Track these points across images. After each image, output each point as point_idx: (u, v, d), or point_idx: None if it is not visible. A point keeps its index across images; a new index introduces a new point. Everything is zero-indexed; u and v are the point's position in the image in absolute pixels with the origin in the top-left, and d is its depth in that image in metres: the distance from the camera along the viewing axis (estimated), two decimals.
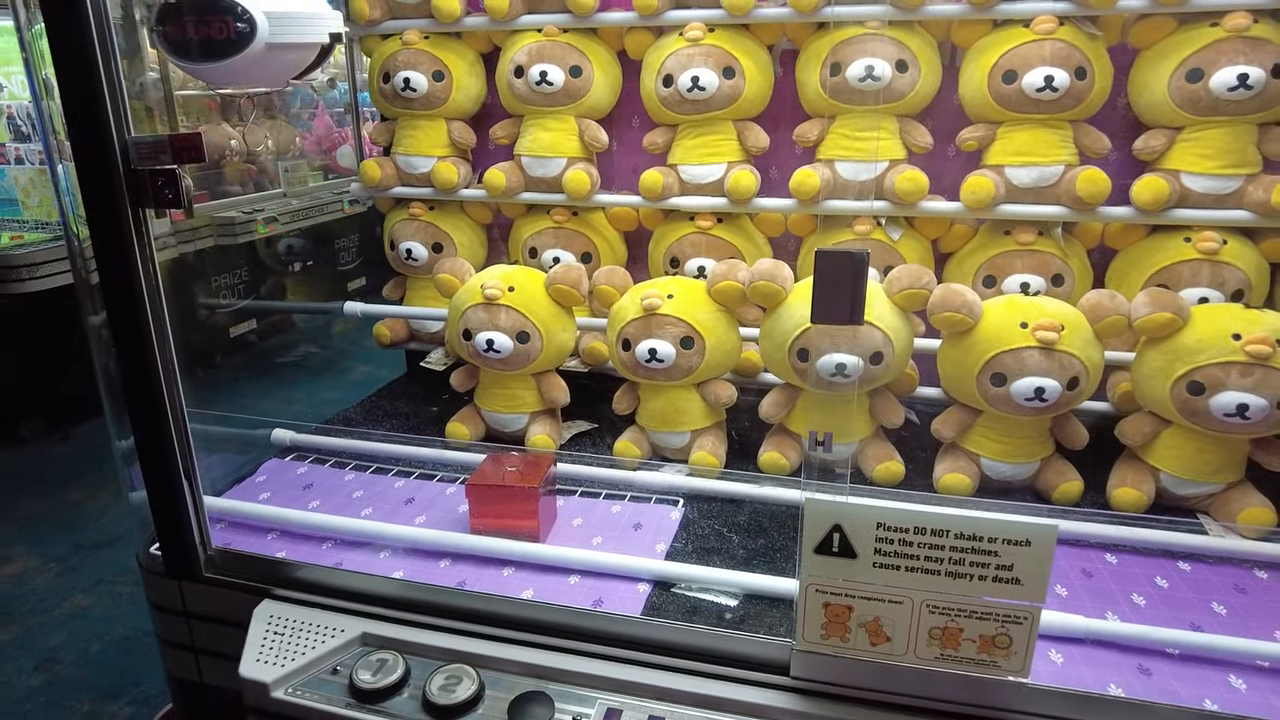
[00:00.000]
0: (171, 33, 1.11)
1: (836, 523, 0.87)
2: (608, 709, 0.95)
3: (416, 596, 1.08)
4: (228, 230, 4.08)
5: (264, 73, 1.14)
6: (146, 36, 1.35)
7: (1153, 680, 0.96)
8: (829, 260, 0.84)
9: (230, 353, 4.35)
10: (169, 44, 1.12)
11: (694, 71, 1.49)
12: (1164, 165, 1.41)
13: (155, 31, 1.12)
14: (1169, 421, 1.28)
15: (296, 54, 1.14)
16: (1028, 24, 1.38)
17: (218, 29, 1.08)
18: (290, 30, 1.10)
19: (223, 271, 4.27)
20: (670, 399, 1.44)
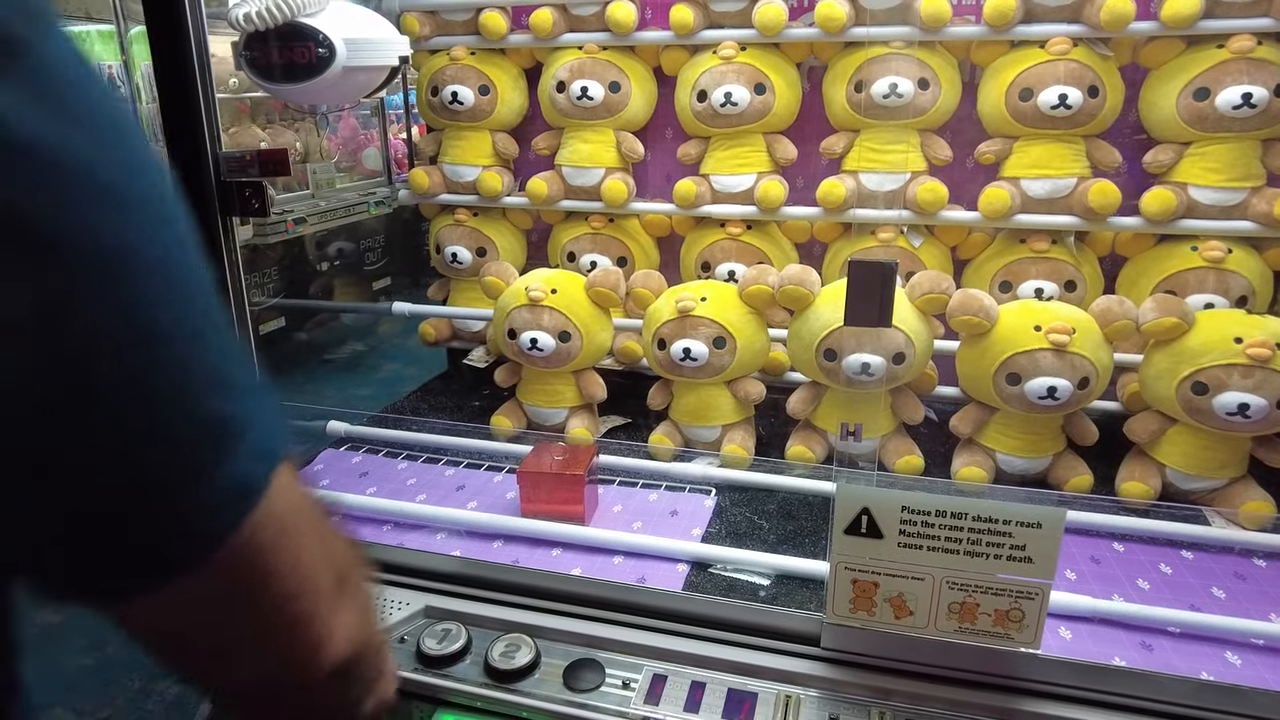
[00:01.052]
0: (258, 58, 1.20)
1: (865, 506, 0.96)
2: (654, 674, 1.04)
3: (475, 573, 1.18)
4: (259, 230, 4.19)
5: (339, 93, 1.23)
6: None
7: (1154, 655, 1.05)
8: (861, 269, 0.93)
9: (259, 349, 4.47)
10: (255, 68, 1.21)
11: (727, 87, 1.58)
12: (1172, 178, 1.49)
13: (243, 56, 1.21)
14: (1174, 420, 1.36)
15: (369, 75, 1.23)
16: (1043, 45, 1.46)
17: (300, 54, 1.17)
18: (365, 54, 1.19)
19: (252, 270, 4.40)
20: (702, 395, 1.53)
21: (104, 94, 0.39)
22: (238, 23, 1.19)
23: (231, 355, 0.44)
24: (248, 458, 0.43)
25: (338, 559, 0.52)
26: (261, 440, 0.44)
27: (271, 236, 4.25)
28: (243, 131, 4.48)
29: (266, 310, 4.38)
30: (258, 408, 0.45)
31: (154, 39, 1.06)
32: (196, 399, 0.41)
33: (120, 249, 0.38)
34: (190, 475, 0.41)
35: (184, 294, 0.42)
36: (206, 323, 0.43)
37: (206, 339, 0.43)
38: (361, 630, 0.55)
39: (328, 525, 0.53)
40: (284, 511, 0.45)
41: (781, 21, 1.53)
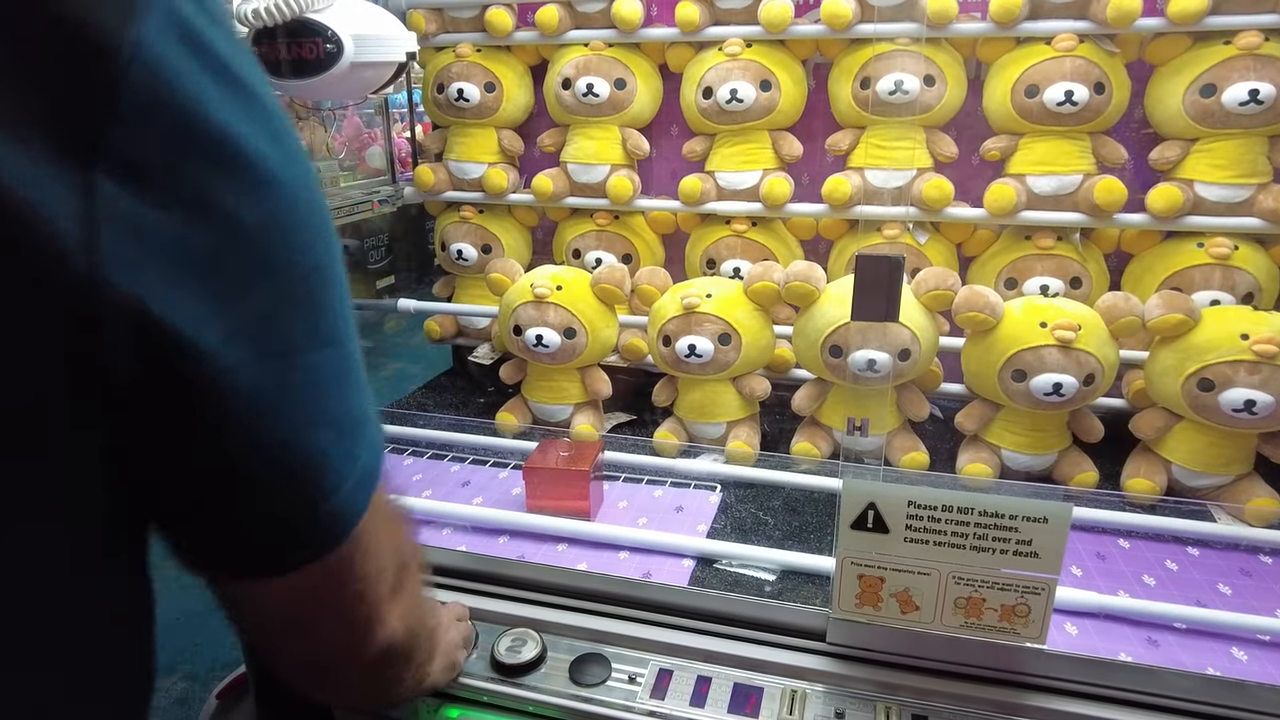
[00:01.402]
0: (267, 53, 1.20)
1: (871, 501, 0.96)
2: (660, 669, 1.04)
3: (481, 568, 1.18)
4: None
5: (346, 89, 1.23)
6: None
7: (1160, 650, 1.05)
8: (868, 263, 0.93)
9: None
10: (264, 63, 1.22)
11: (732, 84, 1.58)
12: (1178, 175, 1.49)
13: (252, 51, 1.23)
14: (1180, 416, 1.36)
15: (376, 71, 1.24)
16: (1049, 41, 1.46)
17: (309, 49, 1.17)
18: (372, 50, 1.19)
19: None
20: (707, 392, 1.54)
21: (286, 119, 0.45)
22: (245, 19, 1.20)
23: (361, 368, 0.51)
24: (361, 481, 0.49)
25: (403, 551, 0.59)
26: (372, 460, 0.51)
27: None
28: None
29: None
30: (376, 425, 0.52)
31: None
32: (341, 405, 0.48)
33: (319, 266, 0.45)
34: (314, 490, 0.47)
35: (345, 309, 0.49)
36: (351, 339, 0.49)
37: (351, 352, 0.49)
38: (415, 616, 0.62)
39: (398, 520, 0.59)
40: (373, 514, 0.51)
41: (787, 18, 1.53)
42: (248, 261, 0.41)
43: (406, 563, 0.60)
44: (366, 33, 1.19)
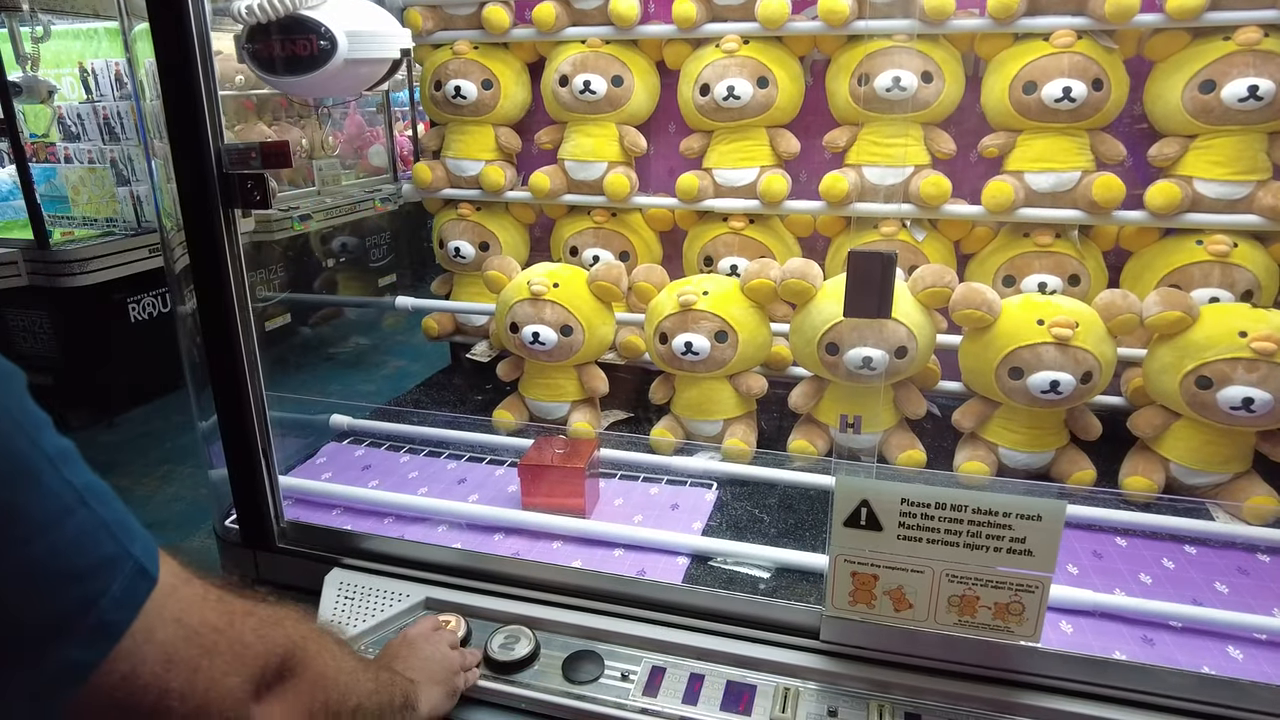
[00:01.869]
0: (260, 50, 1.19)
1: (864, 498, 0.96)
2: (653, 666, 1.04)
3: (476, 565, 1.18)
4: (264, 227, 4.20)
5: (341, 86, 1.23)
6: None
7: (1155, 649, 1.04)
8: (861, 259, 0.93)
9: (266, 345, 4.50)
10: (257, 60, 1.20)
11: (729, 81, 1.57)
12: (1177, 171, 1.48)
13: (245, 49, 1.21)
14: (1179, 414, 1.35)
15: (371, 68, 1.22)
16: (1047, 38, 1.45)
17: (302, 46, 1.16)
18: (367, 47, 1.18)
19: (259, 267, 4.41)
20: (704, 389, 1.53)
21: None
22: (240, 15, 1.19)
23: (69, 543, 0.48)
24: (81, 642, 0.48)
25: (261, 653, 0.58)
26: (100, 620, 0.49)
27: (278, 233, 4.27)
28: (248, 129, 4.48)
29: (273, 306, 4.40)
30: (101, 578, 0.49)
31: (156, 36, 1.07)
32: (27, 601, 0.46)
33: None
34: (28, 655, 0.46)
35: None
36: (67, 495, 0.48)
37: (73, 505, 0.48)
38: (307, 709, 0.61)
39: (247, 626, 0.57)
40: (168, 642, 0.51)
41: (784, 15, 1.53)
42: None
43: (275, 665, 0.59)
44: (361, 29, 1.19)
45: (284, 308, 4.16)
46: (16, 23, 3.48)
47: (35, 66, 3.67)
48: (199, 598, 0.54)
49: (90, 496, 0.49)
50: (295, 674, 0.61)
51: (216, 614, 0.55)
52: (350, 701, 0.67)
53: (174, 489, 3.26)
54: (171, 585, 0.52)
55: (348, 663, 0.69)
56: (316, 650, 0.64)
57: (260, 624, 0.59)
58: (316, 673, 0.63)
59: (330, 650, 0.67)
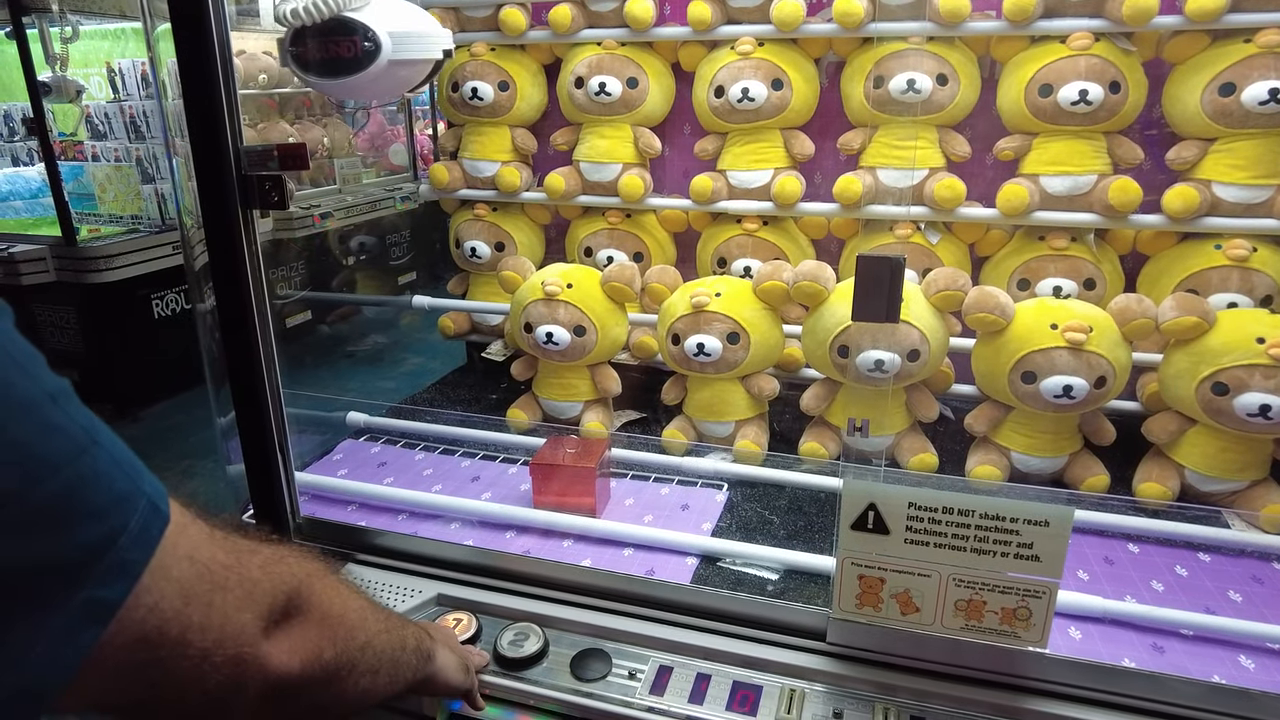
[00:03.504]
0: (303, 53, 1.19)
1: (872, 502, 0.96)
2: (660, 665, 1.05)
3: (487, 562, 1.19)
4: (285, 224, 4.25)
5: (384, 87, 1.22)
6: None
7: (1165, 657, 1.04)
8: (869, 264, 0.93)
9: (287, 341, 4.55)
10: (300, 63, 1.20)
11: (744, 83, 1.58)
12: (1196, 175, 1.47)
13: (288, 52, 1.20)
14: (1194, 421, 1.34)
15: (414, 70, 1.22)
16: (1064, 40, 1.44)
17: (346, 48, 1.17)
18: (410, 48, 1.18)
19: (279, 264, 4.46)
20: (716, 391, 1.54)
21: None
22: (284, 18, 1.19)
23: (86, 479, 0.47)
24: (103, 580, 0.47)
25: (269, 590, 0.58)
26: (120, 558, 0.48)
27: (299, 231, 4.32)
28: (271, 127, 4.54)
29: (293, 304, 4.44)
30: (119, 515, 0.48)
31: (178, 37, 1.09)
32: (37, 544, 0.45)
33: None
34: (49, 598, 0.45)
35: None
36: (73, 444, 0.46)
37: (82, 453, 0.47)
38: (316, 645, 0.62)
39: (253, 563, 0.58)
40: (183, 579, 0.51)
41: (799, 17, 1.53)
42: None
43: (283, 601, 0.59)
44: (403, 30, 1.19)
45: (303, 305, 4.20)
46: (46, 23, 3.55)
47: (64, 66, 3.74)
48: (206, 535, 0.55)
49: (96, 433, 0.48)
50: (302, 611, 0.61)
51: (224, 551, 0.55)
52: (359, 638, 0.68)
53: (195, 483, 3.31)
54: (181, 524, 0.53)
55: (355, 601, 0.70)
56: (322, 588, 0.65)
57: (266, 561, 0.59)
58: (323, 609, 0.63)
59: (336, 588, 0.67)
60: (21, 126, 4.42)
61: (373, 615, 0.72)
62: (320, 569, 0.67)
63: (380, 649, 0.72)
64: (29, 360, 0.46)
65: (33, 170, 4.42)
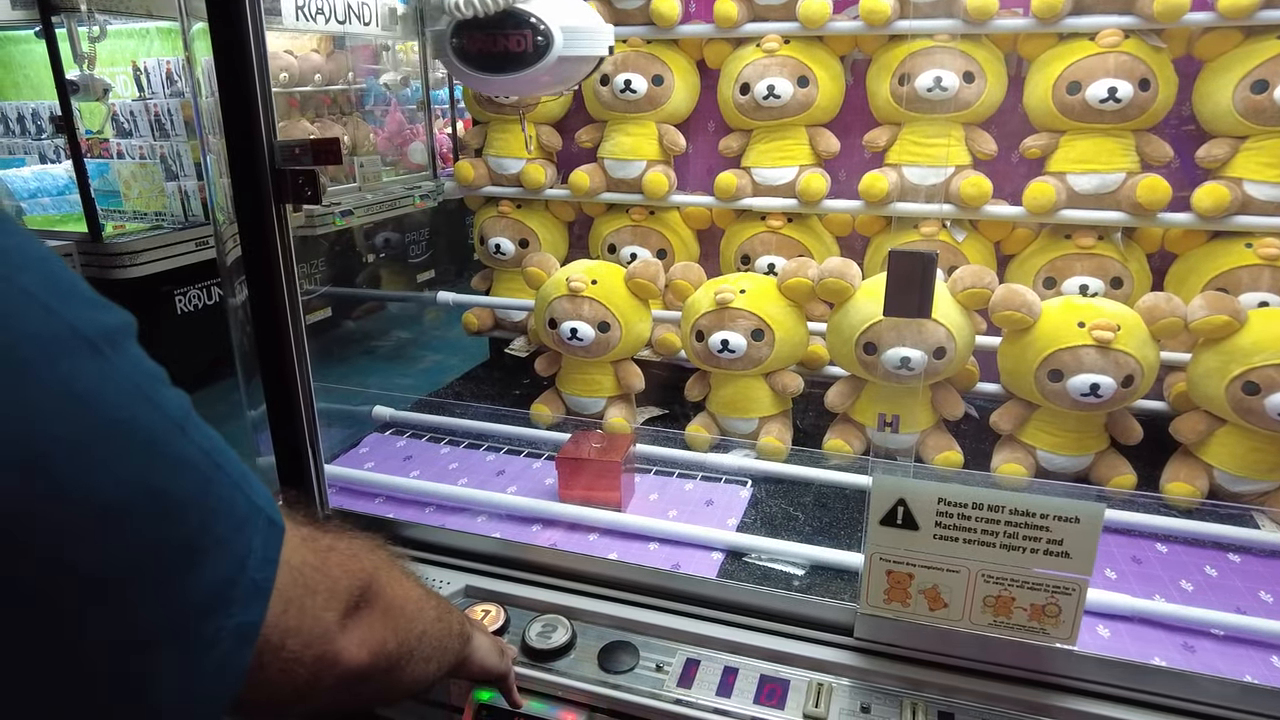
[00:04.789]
0: (468, 45, 1.16)
1: (901, 497, 0.96)
2: (687, 658, 1.05)
3: (515, 554, 1.20)
4: (307, 222, 4.28)
5: (546, 83, 1.19)
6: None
7: (1195, 656, 1.03)
8: (902, 259, 0.93)
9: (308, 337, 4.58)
10: (463, 57, 1.17)
11: (770, 80, 1.58)
12: (1226, 173, 1.45)
13: (450, 44, 1.18)
14: (1223, 420, 1.33)
15: (580, 66, 1.19)
16: (1093, 37, 1.44)
17: (516, 42, 1.14)
18: (580, 43, 1.15)
19: (302, 261, 4.49)
20: (740, 387, 1.54)
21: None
22: (451, 9, 1.15)
23: (215, 509, 0.47)
24: (243, 605, 0.48)
25: (347, 587, 0.60)
26: (253, 579, 0.49)
27: (320, 228, 4.35)
28: (292, 125, 4.58)
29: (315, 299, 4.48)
30: (245, 538, 0.48)
31: (215, 35, 1.10)
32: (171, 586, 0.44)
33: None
34: (190, 633, 0.45)
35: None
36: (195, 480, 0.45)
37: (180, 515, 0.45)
38: (382, 636, 0.64)
39: (334, 562, 0.59)
40: (283, 586, 0.52)
41: (825, 14, 1.53)
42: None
43: (357, 596, 0.61)
44: (574, 24, 1.15)
45: (325, 301, 4.24)
46: (75, 23, 3.60)
47: (92, 65, 3.79)
48: (298, 538, 0.55)
49: (218, 455, 0.48)
50: (370, 603, 0.63)
51: (312, 552, 0.57)
52: (417, 628, 0.70)
53: None
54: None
55: (414, 591, 0.72)
56: (388, 579, 0.66)
57: (344, 558, 0.61)
58: (389, 601, 0.65)
59: (400, 580, 0.69)
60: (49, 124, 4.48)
61: (428, 603, 0.74)
62: (387, 560, 0.68)
63: (434, 636, 0.74)
64: (154, 386, 0.45)
65: (60, 168, 4.48)
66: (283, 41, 4.55)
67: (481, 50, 1.16)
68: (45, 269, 0.41)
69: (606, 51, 1.19)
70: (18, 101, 4.81)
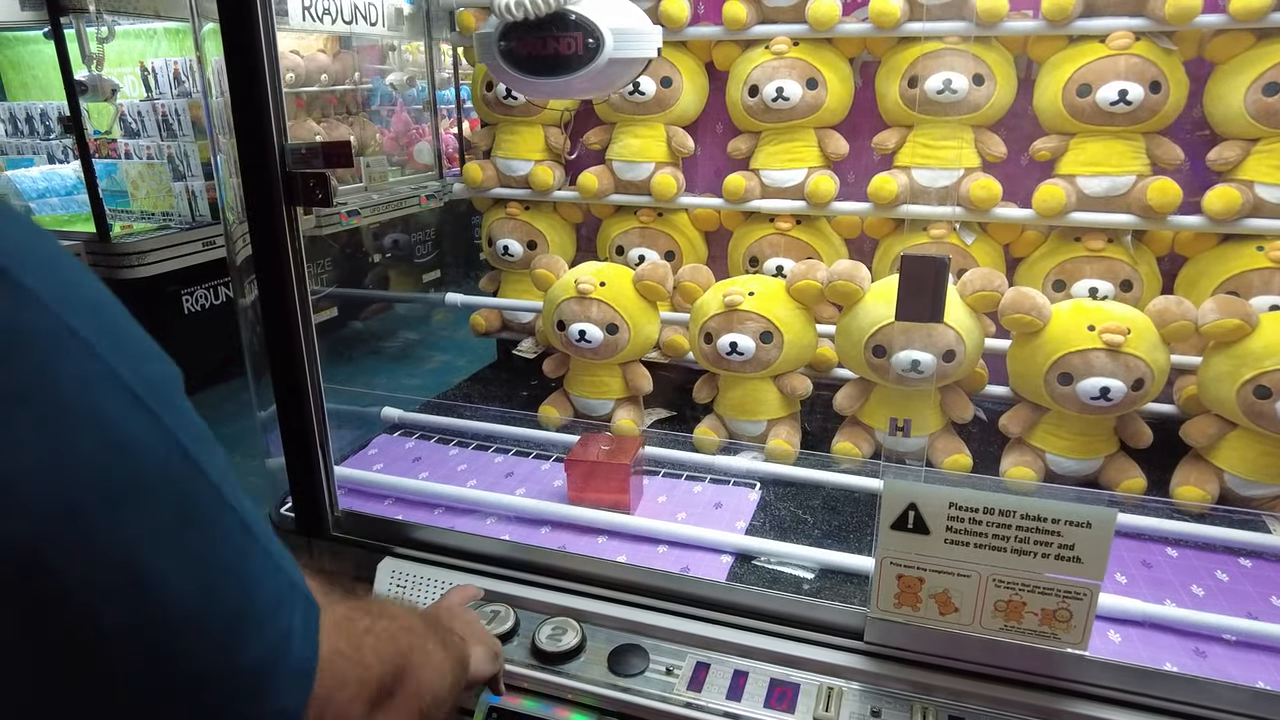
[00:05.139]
0: (517, 49, 1.15)
1: (912, 501, 0.96)
2: (697, 662, 1.06)
3: (524, 557, 1.21)
4: (313, 222, 4.29)
5: (590, 86, 1.17)
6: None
7: (1207, 662, 1.03)
8: (914, 264, 0.93)
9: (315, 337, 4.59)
10: (510, 59, 1.16)
11: (778, 83, 1.58)
12: (1238, 176, 1.45)
13: (496, 47, 1.17)
14: (1234, 424, 1.33)
15: (627, 69, 1.17)
16: (1103, 39, 1.43)
17: (566, 45, 1.12)
18: (630, 46, 1.13)
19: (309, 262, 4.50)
20: (748, 390, 1.54)
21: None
22: (501, 11, 1.14)
23: (254, 581, 0.45)
24: (287, 688, 0.45)
25: (379, 676, 0.56)
26: (296, 659, 0.46)
27: (327, 228, 4.36)
28: (298, 125, 4.59)
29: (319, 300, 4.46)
30: (284, 616, 0.46)
31: (226, 36, 1.11)
32: (225, 650, 0.43)
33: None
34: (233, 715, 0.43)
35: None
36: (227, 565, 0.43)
37: (225, 584, 0.43)
38: (408, 717, 0.60)
39: (368, 647, 0.56)
40: (325, 675, 0.49)
41: (835, 16, 1.53)
42: None
43: (390, 680, 0.58)
44: (623, 27, 1.13)
45: (331, 301, 4.25)
46: (83, 24, 3.61)
47: (100, 66, 3.80)
48: (331, 622, 0.52)
49: (253, 524, 0.46)
50: (400, 688, 0.60)
51: (344, 638, 0.54)
52: (441, 697, 0.67)
53: None
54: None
55: (439, 662, 0.68)
56: (421, 660, 0.63)
57: (378, 643, 0.58)
58: (417, 684, 0.62)
59: (429, 657, 0.66)
60: (58, 125, 4.50)
61: (446, 667, 0.70)
62: (420, 639, 0.65)
63: (447, 696, 0.71)
64: (198, 445, 0.43)
65: (68, 168, 4.49)
66: (289, 41, 4.56)
67: (531, 53, 1.15)
68: (98, 312, 0.40)
69: (655, 53, 1.17)
70: (26, 102, 4.82)
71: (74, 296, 0.39)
